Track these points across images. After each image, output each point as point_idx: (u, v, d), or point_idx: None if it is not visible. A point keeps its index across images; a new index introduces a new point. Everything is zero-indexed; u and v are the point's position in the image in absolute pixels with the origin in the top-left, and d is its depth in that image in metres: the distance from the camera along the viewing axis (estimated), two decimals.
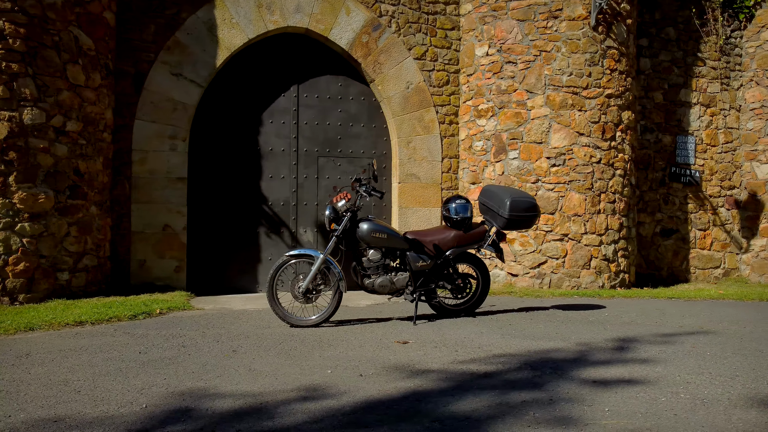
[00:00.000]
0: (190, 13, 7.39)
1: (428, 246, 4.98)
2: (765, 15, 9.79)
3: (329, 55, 8.15)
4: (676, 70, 9.63)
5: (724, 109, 9.93)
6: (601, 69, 7.80)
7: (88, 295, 6.50)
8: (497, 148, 7.98)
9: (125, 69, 7.23)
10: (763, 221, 9.80)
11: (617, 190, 7.94)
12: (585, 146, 7.72)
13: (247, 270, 7.79)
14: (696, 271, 9.75)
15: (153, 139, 7.27)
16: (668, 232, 9.56)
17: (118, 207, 7.17)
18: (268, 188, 7.92)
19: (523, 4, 7.81)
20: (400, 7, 8.21)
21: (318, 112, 8.12)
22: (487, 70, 8.06)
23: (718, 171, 9.88)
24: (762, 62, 9.80)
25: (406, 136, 8.24)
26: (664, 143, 9.54)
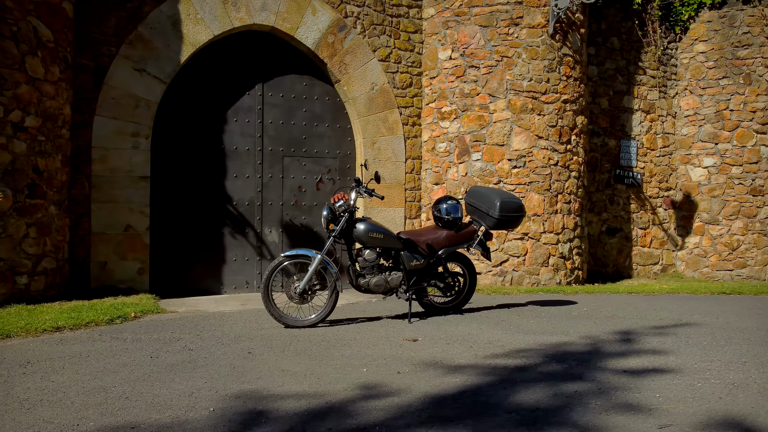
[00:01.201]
0: (153, 6, 7.17)
1: (422, 246, 5.09)
2: (698, 29, 10.53)
3: (294, 55, 8.11)
4: (620, 78, 10.19)
5: (662, 115, 10.61)
6: (558, 75, 8.17)
7: (47, 300, 6.19)
8: (460, 149, 8.19)
9: (84, 63, 6.92)
10: (696, 220, 10.54)
11: (572, 191, 8.34)
12: (544, 149, 8.06)
13: (212, 271, 7.64)
14: (638, 268, 10.37)
15: (114, 137, 7.00)
16: (613, 231, 10.12)
17: (77, 207, 6.85)
18: (232, 188, 7.79)
19: (486, 11, 8.06)
20: (365, 8, 8.27)
21: (283, 112, 8.06)
22: (451, 74, 8.26)
23: (657, 173, 10.54)
24: (695, 72, 10.54)
25: (371, 136, 8.32)
26: (610, 147, 10.09)
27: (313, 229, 8.21)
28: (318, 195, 8.26)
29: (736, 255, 10.27)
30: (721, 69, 10.34)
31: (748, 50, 10.23)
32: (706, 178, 10.41)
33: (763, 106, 10.25)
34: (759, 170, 10.24)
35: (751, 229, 10.23)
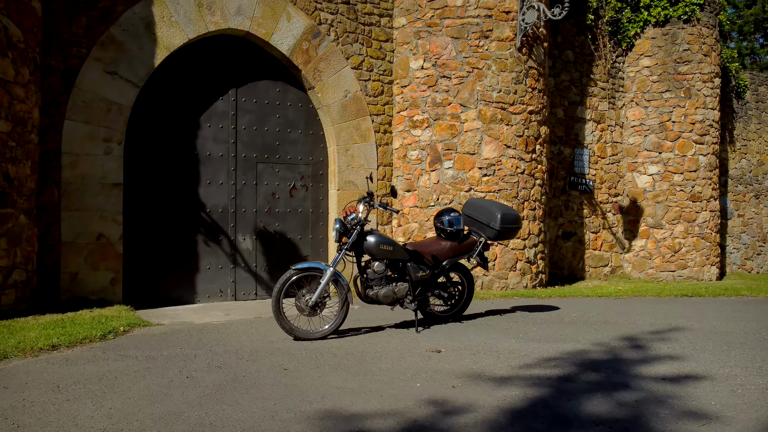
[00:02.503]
0: (126, 7, 6.93)
1: (427, 257, 5.21)
2: (643, 44, 11.20)
3: (268, 60, 8.04)
4: (574, 89, 10.70)
5: (611, 125, 11.22)
6: (525, 87, 8.51)
7: (19, 314, 5.89)
8: (432, 157, 8.38)
9: (53, 64, 6.61)
10: (642, 225, 11.21)
11: (537, 198, 8.71)
12: (512, 158, 8.37)
13: (185, 280, 7.47)
14: (590, 270, 10.92)
15: (85, 142, 6.72)
16: (568, 235, 10.61)
17: (45, 215, 6.54)
18: (206, 194, 7.64)
19: (457, 23, 8.28)
20: (339, 16, 8.31)
21: (256, 118, 7.98)
22: (423, 83, 8.44)
23: (607, 180, 11.14)
24: (640, 85, 11.21)
25: (344, 143, 8.37)
26: (565, 155, 10.57)
27: (286, 235, 8.18)
28: (291, 201, 8.23)
29: (677, 257, 11.01)
30: (664, 83, 11.04)
31: (688, 66, 10.98)
32: (651, 185, 11.10)
33: (701, 118, 11.03)
34: (698, 178, 11.02)
35: (691, 232, 10.99)
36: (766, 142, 14.28)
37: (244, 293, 7.84)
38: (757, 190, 14.06)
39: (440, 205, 8.35)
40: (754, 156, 14.00)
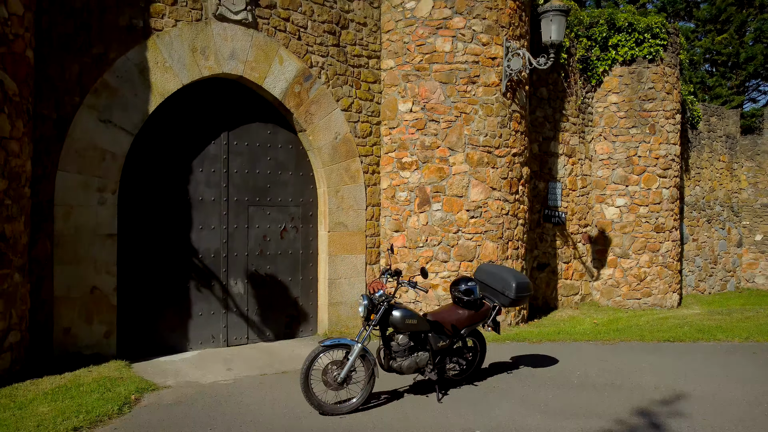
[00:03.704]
0: (119, 53, 6.79)
1: (447, 327, 5.35)
2: (611, 81, 11.71)
3: (260, 103, 8.02)
4: (548, 125, 11.09)
5: (581, 158, 11.68)
6: (509, 130, 8.78)
7: (15, 377, 5.71)
8: (421, 199, 8.55)
9: (45, 113, 6.41)
10: (610, 254, 11.72)
11: (520, 238, 9.00)
12: (497, 200, 8.63)
13: (178, 327, 7.37)
14: (562, 299, 11.34)
15: (79, 192, 6.55)
16: (542, 267, 10.99)
17: (37, 269, 6.33)
18: (198, 240, 7.56)
19: (446, 68, 8.48)
20: (329, 58, 8.37)
21: (248, 160, 7.95)
22: (412, 126, 8.59)
23: (577, 212, 11.59)
24: (608, 121, 11.71)
25: (334, 185, 8.43)
26: (540, 189, 10.94)
27: (277, 277, 8.18)
28: (282, 243, 8.24)
29: (643, 285, 11.57)
30: (630, 119, 11.58)
31: (653, 103, 11.56)
32: (619, 216, 11.62)
33: (664, 153, 11.63)
34: (661, 210, 11.61)
35: (655, 262, 11.57)
36: (717, 170, 15.15)
37: (236, 338, 7.80)
38: (709, 215, 14.90)
39: (429, 246, 8.53)
40: (706, 183, 14.82)
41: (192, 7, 7.26)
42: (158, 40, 7.01)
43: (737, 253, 15.69)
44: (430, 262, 8.51)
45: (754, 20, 16.53)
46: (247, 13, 7.58)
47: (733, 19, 16.37)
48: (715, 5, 16.55)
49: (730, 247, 15.47)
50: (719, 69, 16.76)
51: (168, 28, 7.08)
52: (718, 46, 16.36)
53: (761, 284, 15.68)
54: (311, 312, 8.48)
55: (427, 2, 8.50)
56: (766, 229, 15.59)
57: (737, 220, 15.64)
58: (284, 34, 7.95)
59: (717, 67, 16.86)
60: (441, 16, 8.47)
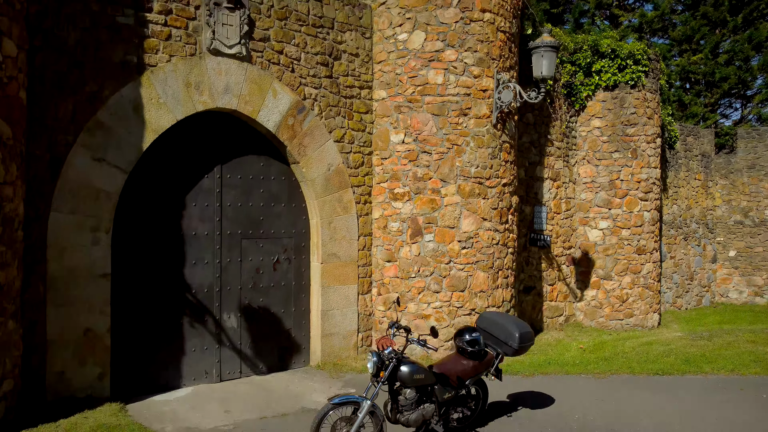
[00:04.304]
0: (113, 90, 6.70)
1: (452, 378, 5.40)
2: (594, 106, 11.94)
3: (254, 135, 7.99)
4: (533, 150, 11.26)
5: (566, 182, 11.87)
6: (499, 161, 8.90)
7: (9, 428, 5.60)
8: (413, 230, 8.61)
9: (38, 153, 6.29)
10: (593, 276, 11.94)
11: (510, 266, 9.13)
12: (488, 230, 8.74)
13: (171, 364, 7.31)
14: (547, 320, 11.52)
15: (72, 233, 6.45)
16: (529, 290, 11.15)
17: (30, 312, 6.21)
18: (191, 275, 7.50)
19: (438, 101, 8.55)
20: (322, 90, 8.37)
21: (241, 193, 7.91)
22: (404, 157, 8.65)
23: (562, 234, 11.78)
24: (592, 145, 11.93)
25: (327, 216, 8.44)
26: (526, 213, 11.10)
27: (270, 310, 8.15)
28: (275, 275, 8.21)
29: (625, 306, 11.82)
30: (613, 143, 11.82)
31: (635, 128, 11.81)
32: (602, 238, 11.85)
33: (645, 177, 11.89)
34: (643, 232, 11.87)
35: (637, 283, 11.83)
36: (693, 188, 15.54)
37: (229, 372, 7.75)
38: (686, 232, 15.28)
39: (421, 277, 8.59)
40: (683, 201, 15.19)
41: (186, 41, 7.20)
42: (152, 76, 6.93)
43: (712, 268, 16.12)
44: (422, 293, 8.58)
45: (728, 41, 17.01)
46: (241, 47, 7.54)
47: (707, 40, 16.82)
48: (689, 26, 16.98)
49: (706, 263, 15.89)
50: (695, 87, 17.20)
51: (162, 63, 7.02)
52: (694, 66, 16.80)
53: (734, 299, 16.13)
54: (304, 343, 8.47)
55: (420, 35, 8.57)
56: (739, 246, 16.04)
57: (712, 237, 16.07)
58: (278, 67, 7.93)
59: (693, 85, 17.30)
60: (433, 48, 8.54)
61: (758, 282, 15.93)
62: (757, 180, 15.87)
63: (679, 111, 17.35)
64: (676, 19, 17.64)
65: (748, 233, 15.96)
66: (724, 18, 16.92)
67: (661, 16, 17.38)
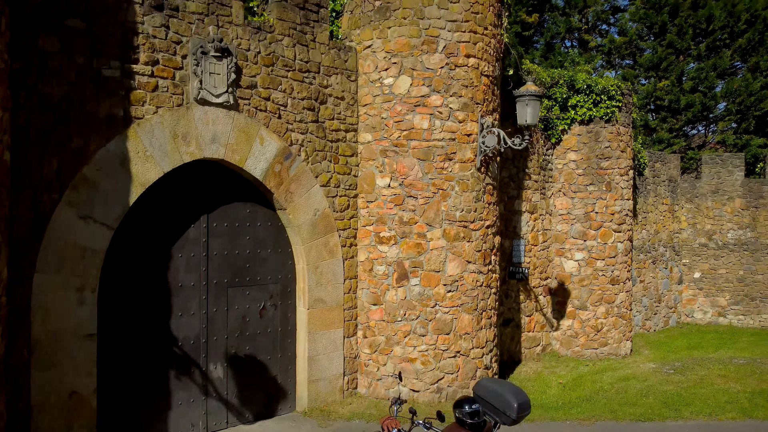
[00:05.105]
0: (99, 145, 6.55)
1: None
2: (570, 139, 12.19)
3: (240, 182, 7.92)
4: (512, 184, 11.44)
5: (542, 214, 12.10)
6: (483, 204, 9.02)
7: None
8: (399, 274, 8.65)
9: (22, 213, 6.11)
10: (569, 306, 12.19)
11: (493, 307, 9.26)
12: (473, 272, 8.85)
13: (158, 420, 7.18)
14: (525, 351, 11.71)
15: (57, 294, 6.28)
16: (507, 322, 11.32)
17: (14, 377, 6.03)
18: (177, 327, 7.39)
19: (424, 145, 8.62)
20: (308, 135, 8.35)
21: (227, 240, 7.83)
22: (390, 201, 8.68)
23: (539, 266, 12.00)
24: (567, 177, 12.19)
25: (314, 261, 8.41)
26: (505, 247, 11.27)
27: (257, 357, 8.09)
28: (261, 322, 8.15)
29: (599, 336, 12.11)
30: (588, 176, 12.10)
31: (609, 162, 12.12)
32: (577, 269, 12.11)
33: (619, 209, 12.21)
34: (616, 263, 12.18)
35: (611, 313, 12.14)
36: (661, 213, 16.02)
37: (215, 423, 7.66)
38: (654, 256, 15.73)
39: (407, 321, 8.65)
40: (651, 226, 15.64)
41: (173, 92, 7.09)
42: (139, 129, 6.81)
43: (678, 289, 16.63)
44: (408, 336, 8.64)
45: (692, 68, 17.59)
46: (228, 95, 7.47)
47: (673, 67, 17.36)
48: (656, 54, 17.49)
49: (672, 285, 16.38)
50: (661, 113, 17.74)
51: (149, 115, 6.89)
52: (660, 92, 17.31)
53: (699, 319, 16.68)
54: (290, 389, 8.43)
55: (406, 80, 8.62)
56: (704, 267, 16.60)
57: (678, 259, 16.58)
58: (265, 114, 7.88)
59: (659, 110, 17.84)
60: (419, 93, 8.60)
61: (721, 303, 16.51)
62: (720, 204, 16.44)
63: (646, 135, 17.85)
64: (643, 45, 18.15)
65: (712, 255, 16.53)
66: (689, 46, 17.49)
67: (629, 43, 17.86)
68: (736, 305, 16.38)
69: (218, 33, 7.41)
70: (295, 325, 8.48)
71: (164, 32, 7.00)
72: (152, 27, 6.91)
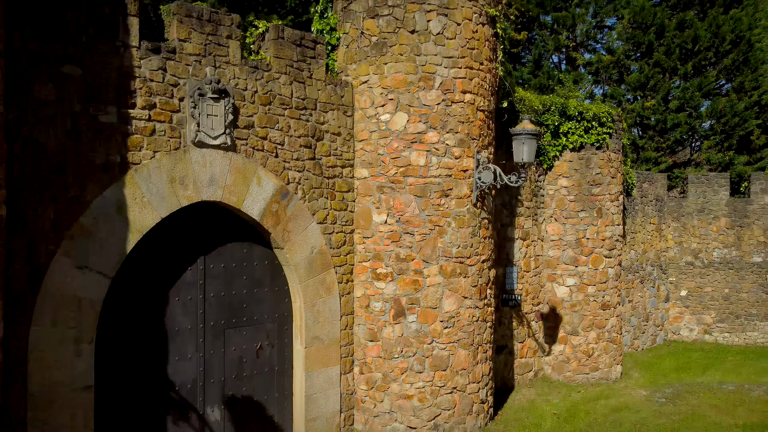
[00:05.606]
0: (96, 194, 6.45)
1: None
2: (561, 166, 12.27)
3: (237, 222, 7.85)
4: (505, 212, 11.48)
5: (534, 240, 12.16)
6: (479, 239, 9.04)
7: None
8: (396, 311, 8.64)
9: (18, 267, 6.00)
10: (560, 331, 12.27)
11: (488, 341, 9.28)
12: (469, 308, 8.86)
13: None
14: (518, 377, 11.77)
15: (54, 347, 6.17)
16: (500, 349, 11.36)
17: None
18: (174, 372, 7.30)
19: (420, 182, 8.61)
20: (305, 173, 8.30)
21: (224, 282, 7.76)
22: (386, 238, 8.67)
23: (531, 292, 12.06)
24: (559, 203, 12.27)
25: (310, 299, 8.37)
26: (498, 275, 11.30)
27: (253, 398, 8.03)
28: (258, 362, 8.10)
29: (591, 361, 12.21)
30: (579, 202, 12.19)
31: (600, 188, 12.22)
32: (569, 295, 12.19)
33: (610, 235, 12.31)
34: (607, 288, 12.29)
35: (602, 338, 12.24)
36: (649, 232, 16.19)
37: None
38: (642, 275, 15.90)
39: (404, 358, 8.64)
40: (639, 246, 15.81)
41: (170, 135, 7.01)
42: (136, 175, 6.72)
43: (665, 307, 16.83)
44: (405, 373, 8.62)
45: (678, 88, 17.82)
46: (225, 136, 7.39)
47: (660, 87, 17.56)
48: (643, 73, 17.68)
49: (659, 303, 16.58)
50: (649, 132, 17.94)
51: (146, 160, 6.81)
52: (647, 112, 17.51)
53: (685, 336, 16.89)
54: (287, 428, 8.38)
55: (402, 116, 8.61)
56: (690, 285, 16.81)
57: (665, 277, 16.78)
58: (262, 153, 7.82)
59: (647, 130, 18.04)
60: (416, 130, 8.59)
61: (707, 320, 16.74)
62: (706, 223, 16.67)
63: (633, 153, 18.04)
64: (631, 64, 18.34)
65: (698, 273, 16.75)
66: (675, 66, 17.71)
67: (616, 63, 18.03)
68: (722, 323, 16.62)
69: (215, 74, 7.34)
70: (291, 364, 8.43)
71: (161, 75, 6.92)
72: (149, 70, 6.82)
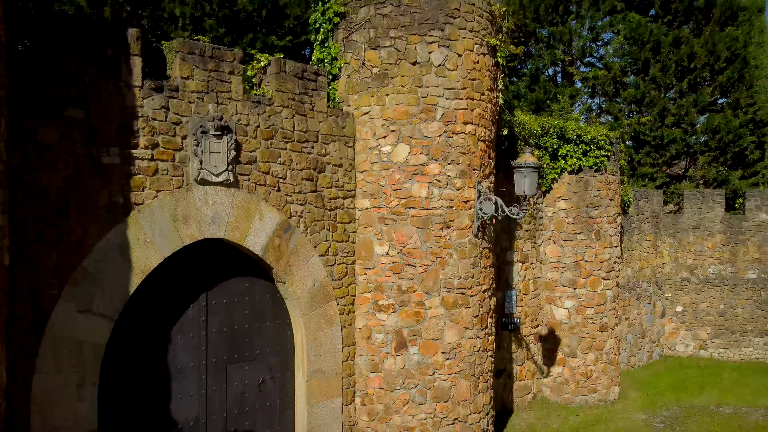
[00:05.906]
0: (99, 236, 6.41)
1: None
2: (560, 188, 12.31)
3: (239, 257, 7.83)
4: (504, 236, 11.49)
5: (533, 262, 12.19)
6: (480, 269, 9.05)
7: None
8: (398, 342, 8.64)
9: (20, 314, 5.95)
10: (559, 353, 12.31)
11: (489, 370, 9.30)
12: (470, 338, 8.87)
13: None
14: (517, 400, 11.80)
15: (57, 392, 6.14)
16: (500, 373, 11.38)
17: None
18: (177, 410, 7.27)
19: (422, 214, 8.61)
20: (308, 206, 8.29)
21: (226, 317, 7.73)
22: (388, 269, 8.66)
23: (530, 314, 12.09)
24: (558, 226, 12.31)
25: (312, 332, 8.35)
26: (498, 298, 11.32)
27: None
28: (260, 396, 8.07)
29: (589, 383, 12.25)
30: (578, 225, 12.23)
31: (598, 210, 12.27)
32: (567, 317, 12.23)
33: (608, 257, 12.36)
34: (605, 310, 12.34)
35: (600, 359, 12.29)
36: (645, 249, 16.27)
37: None
38: (639, 292, 15.97)
39: (406, 389, 8.64)
40: (636, 263, 15.88)
41: (173, 174, 6.98)
42: (139, 215, 6.69)
43: (661, 323, 16.91)
44: (407, 405, 8.62)
45: (674, 104, 17.91)
46: (228, 173, 7.37)
47: (655, 102, 17.65)
48: (639, 89, 17.77)
49: (655, 319, 16.66)
50: (645, 148, 18.03)
51: (149, 200, 6.77)
52: (643, 128, 17.60)
53: (681, 352, 16.99)
54: None
55: (404, 148, 8.61)
56: (685, 301, 16.90)
57: (661, 293, 16.86)
58: (264, 188, 7.79)
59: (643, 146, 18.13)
60: (417, 162, 8.59)
61: (702, 336, 16.83)
62: (702, 239, 16.76)
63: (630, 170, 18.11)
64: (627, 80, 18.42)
65: (694, 289, 16.84)
66: (671, 82, 17.80)
67: (612, 78, 18.11)
68: (717, 338, 16.72)
69: (218, 110, 7.32)
70: (293, 397, 8.41)
71: (164, 114, 6.89)
72: (152, 110, 6.79)
